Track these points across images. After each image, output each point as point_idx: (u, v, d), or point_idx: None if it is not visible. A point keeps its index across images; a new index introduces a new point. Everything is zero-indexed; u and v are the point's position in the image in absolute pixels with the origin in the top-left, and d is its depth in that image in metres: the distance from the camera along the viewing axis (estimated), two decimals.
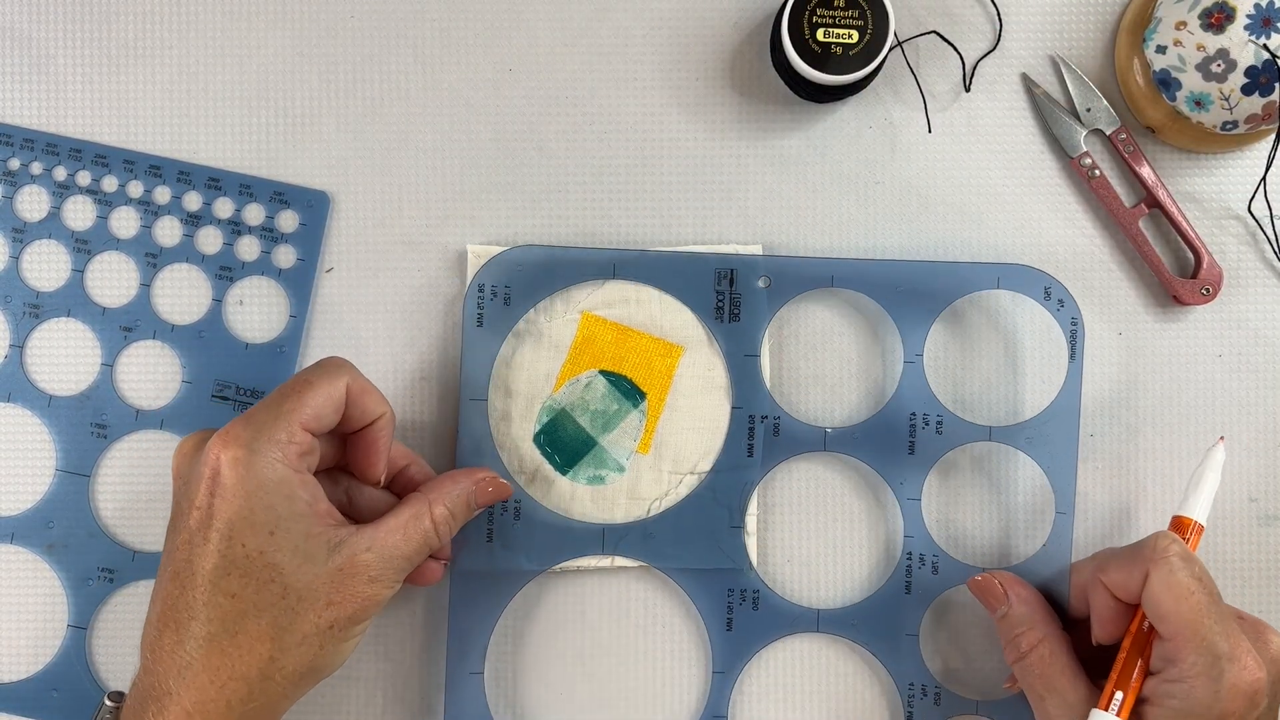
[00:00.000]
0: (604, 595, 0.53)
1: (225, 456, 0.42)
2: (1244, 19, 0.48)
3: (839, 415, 0.53)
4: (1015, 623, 0.48)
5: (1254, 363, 0.54)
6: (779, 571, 0.53)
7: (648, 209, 0.53)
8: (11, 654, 0.53)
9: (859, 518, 0.53)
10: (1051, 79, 0.54)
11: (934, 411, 0.52)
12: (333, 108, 0.53)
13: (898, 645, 0.52)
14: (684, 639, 0.53)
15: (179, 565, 0.43)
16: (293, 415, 0.43)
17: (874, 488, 0.53)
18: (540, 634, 0.53)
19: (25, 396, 0.53)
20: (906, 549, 0.52)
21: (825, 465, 0.53)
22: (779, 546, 0.53)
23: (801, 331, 0.53)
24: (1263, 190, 0.53)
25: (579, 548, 0.51)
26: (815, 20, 0.49)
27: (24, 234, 0.53)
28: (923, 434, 0.52)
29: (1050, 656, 0.47)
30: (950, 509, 0.53)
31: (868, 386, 0.53)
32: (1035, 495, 0.53)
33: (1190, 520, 0.47)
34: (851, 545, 0.53)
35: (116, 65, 0.53)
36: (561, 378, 0.52)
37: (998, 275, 0.52)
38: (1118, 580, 0.45)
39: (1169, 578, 0.43)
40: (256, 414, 0.44)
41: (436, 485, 0.47)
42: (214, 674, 0.41)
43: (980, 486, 0.53)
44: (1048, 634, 0.47)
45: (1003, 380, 0.53)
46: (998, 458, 0.53)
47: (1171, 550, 0.44)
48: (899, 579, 0.52)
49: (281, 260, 0.53)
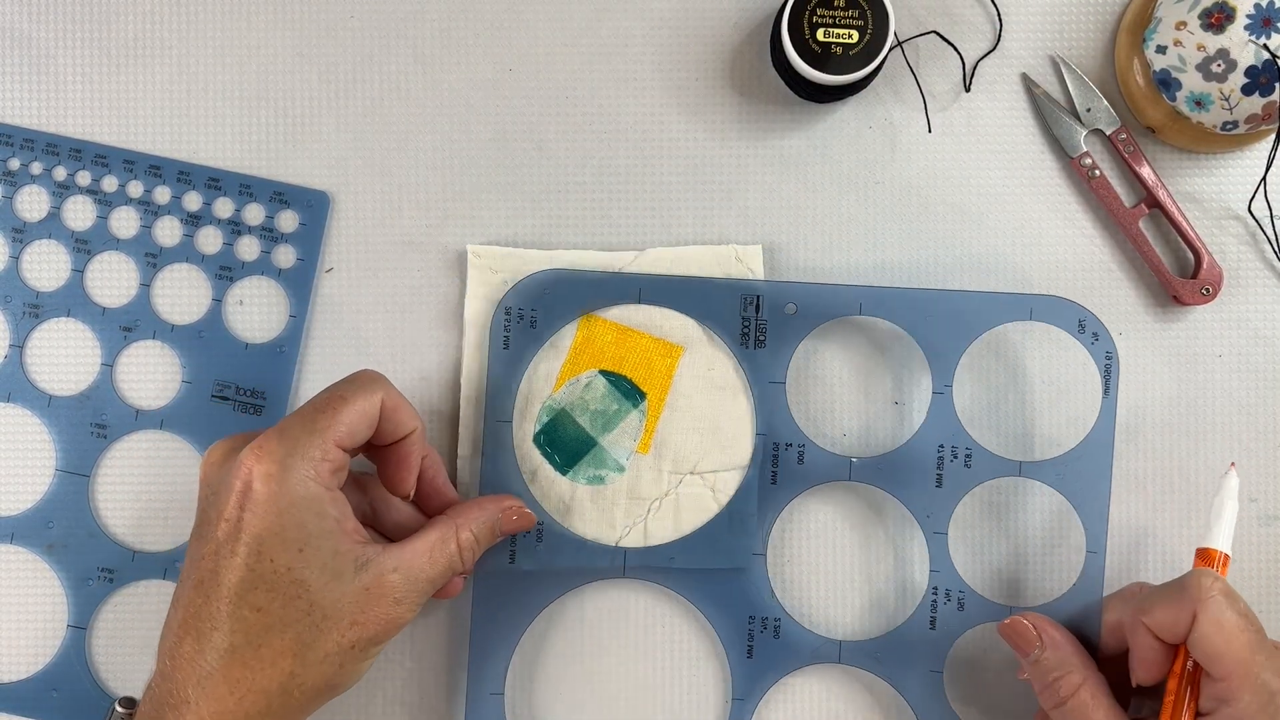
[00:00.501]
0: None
1: (258, 470, 0.42)
2: (1244, 19, 0.48)
3: (865, 445, 0.53)
4: (1051, 667, 0.47)
5: (1254, 363, 0.54)
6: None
7: (648, 209, 0.53)
8: (11, 654, 0.53)
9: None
10: (1051, 79, 0.54)
11: (962, 444, 0.51)
12: (333, 108, 0.53)
13: (922, 681, 0.50)
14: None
15: (204, 574, 0.42)
16: (327, 432, 0.43)
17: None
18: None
19: (25, 396, 0.53)
20: (932, 584, 0.51)
21: (850, 495, 0.53)
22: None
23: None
24: (1263, 190, 0.53)
25: (601, 571, 0.51)
26: (815, 20, 0.49)
27: (24, 234, 0.53)
28: (950, 466, 0.51)
29: (1092, 700, 0.45)
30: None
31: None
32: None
33: (1216, 552, 0.46)
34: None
35: (116, 65, 0.53)
36: (561, 378, 0.52)
37: (1030, 306, 0.51)
38: (1162, 622, 0.44)
39: (1218, 618, 0.42)
40: (290, 428, 0.43)
41: (464, 510, 0.47)
42: (234, 685, 0.41)
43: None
44: (1087, 677, 0.46)
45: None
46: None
47: (1216, 589, 0.43)
48: (923, 614, 0.51)
49: (281, 260, 0.53)
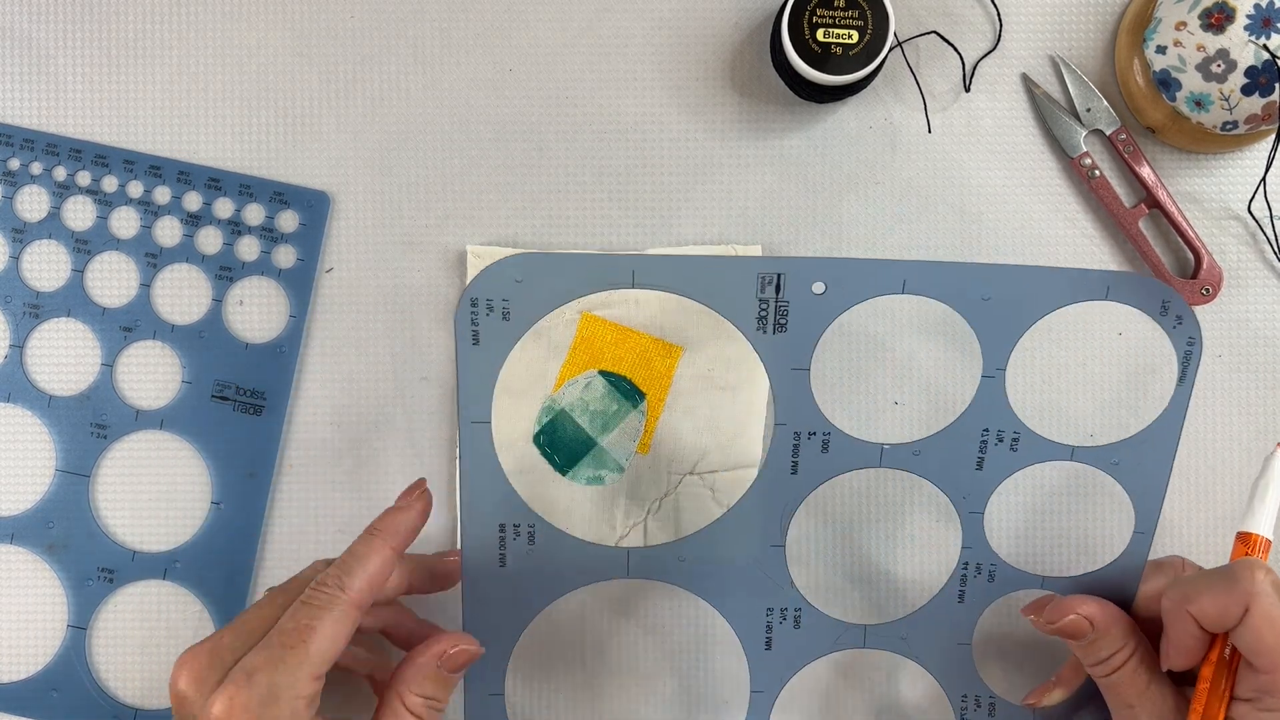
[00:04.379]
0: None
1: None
2: (1244, 19, 0.48)
3: (898, 432, 0.51)
4: (1103, 646, 0.46)
5: (1254, 363, 0.54)
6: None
7: (648, 209, 0.53)
8: (11, 654, 0.53)
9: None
10: (1051, 79, 0.54)
11: (1010, 428, 0.47)
12: (333, 108, 0.53)
13: (948, 655, 0.49)
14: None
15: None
16: (302, 666, 0.40)
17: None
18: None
19: (25, 396, 0.53)
20: (963, 560, 0.48)
21: (878, 480, 0.52)
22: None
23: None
24: (1263, 190, 0.53)
25: (600, 571, 0.47)
26: (815, 20, 0.49)
27: (24, 234, 0.53)
28: (994, 450, 0.47)
29: (1141, 667, 0.46)
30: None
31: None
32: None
33: (1258, 537, 0.45)
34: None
35: (116, 65, 0.53)
36: (561, 378, 0.52)
37: (1107, 284, 0.46)
38: (1209, 612, 0.43)
39: (1272, 613, 0.41)
40: (258, 670, 0.40)
41: (399, 674, 0.44)
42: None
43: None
44: (1136, 647, 0.46)
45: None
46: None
47: (1269, 582, 0.42)
48: (953, 588, 0.48)
49: (281, 260, 0.53)
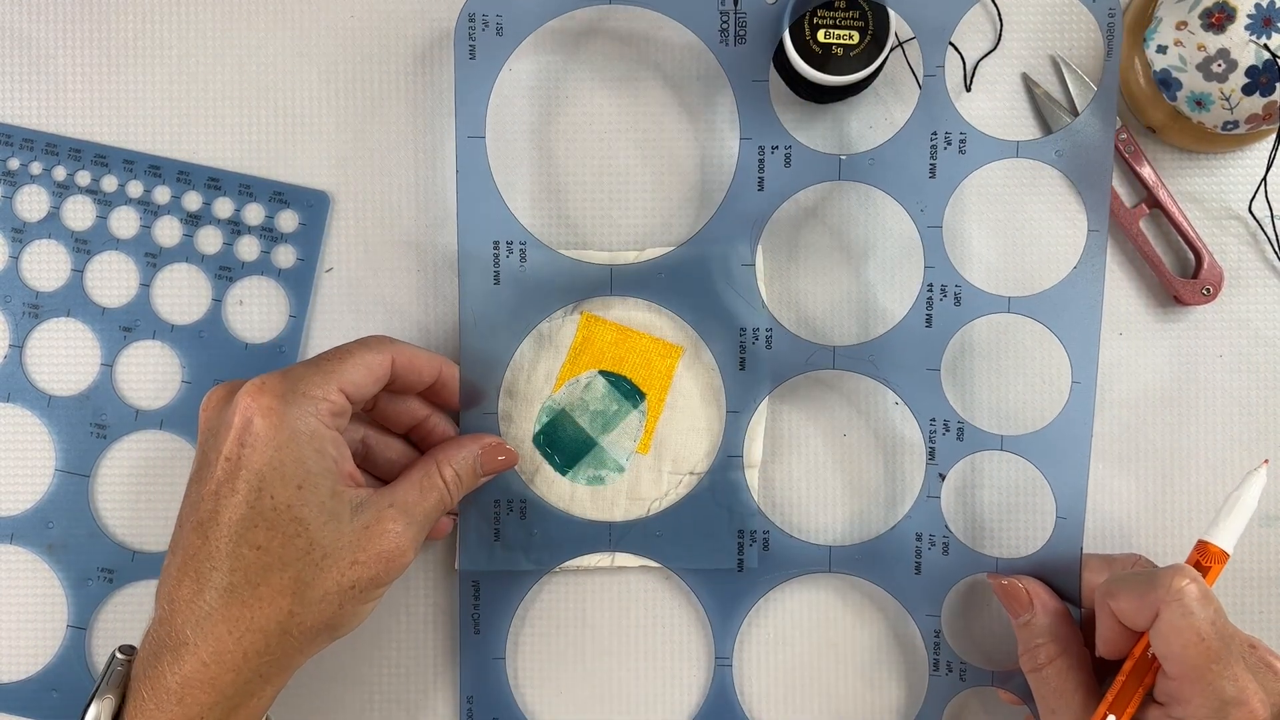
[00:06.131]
0: (608, 594, 0.53)
1: (258, 405, 0.42)
2: (1244, 19, 0.48)
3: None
4: (1036, 633, 0.47)
5: (1254, 363, 0.54)
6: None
7: (647, 209, 0.53)
8: (11, 654, 0.53)
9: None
10: (1051, 79, 0.54)
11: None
12: (333, 108, 0.53)
13: (918, 379, 0.51)
14: (688, 632, 0.53)
15: (203, 516, 0.42)
16: (331, 375, 0.43)
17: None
18: (542, 634, 0.53)
19: (25, 396, 0.53)
20: (927, 281, 0.50)
21: (838, 190, 0.53)
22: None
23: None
24: (1263, 190, 0.53)
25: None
26: (816, 21, 0.49)
27: (24, 234, 0.53)
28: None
29: (1067, 672, 0.46)
30: (965, 488, 0.53)
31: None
32: (1035, 499, 0.53)
33: (1214, 547, 0.44)
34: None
35: (116, 65, 0.53)
36: (561, 378, 0.52)
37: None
38: (1126, 610, 0.43)
39: (1180, 621, 0.41)
40: (293, 369, 0.43)
41: (443, 448, 0.47)
42: (232, 625, 0.41)
43: (990, 471, 0.53)
44: (1067, 648, 0.46)
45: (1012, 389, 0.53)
46: (1002, 462, 0.53)
47: (1187, 592, 0.41)
48: (919, 313, 0.50)
49: (281, 260, 0.53)
